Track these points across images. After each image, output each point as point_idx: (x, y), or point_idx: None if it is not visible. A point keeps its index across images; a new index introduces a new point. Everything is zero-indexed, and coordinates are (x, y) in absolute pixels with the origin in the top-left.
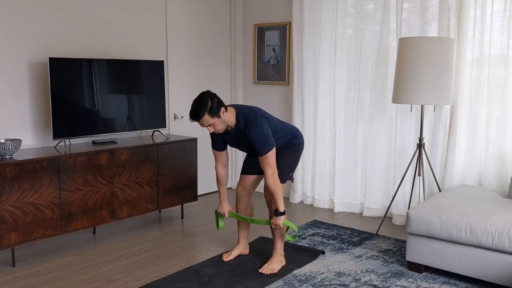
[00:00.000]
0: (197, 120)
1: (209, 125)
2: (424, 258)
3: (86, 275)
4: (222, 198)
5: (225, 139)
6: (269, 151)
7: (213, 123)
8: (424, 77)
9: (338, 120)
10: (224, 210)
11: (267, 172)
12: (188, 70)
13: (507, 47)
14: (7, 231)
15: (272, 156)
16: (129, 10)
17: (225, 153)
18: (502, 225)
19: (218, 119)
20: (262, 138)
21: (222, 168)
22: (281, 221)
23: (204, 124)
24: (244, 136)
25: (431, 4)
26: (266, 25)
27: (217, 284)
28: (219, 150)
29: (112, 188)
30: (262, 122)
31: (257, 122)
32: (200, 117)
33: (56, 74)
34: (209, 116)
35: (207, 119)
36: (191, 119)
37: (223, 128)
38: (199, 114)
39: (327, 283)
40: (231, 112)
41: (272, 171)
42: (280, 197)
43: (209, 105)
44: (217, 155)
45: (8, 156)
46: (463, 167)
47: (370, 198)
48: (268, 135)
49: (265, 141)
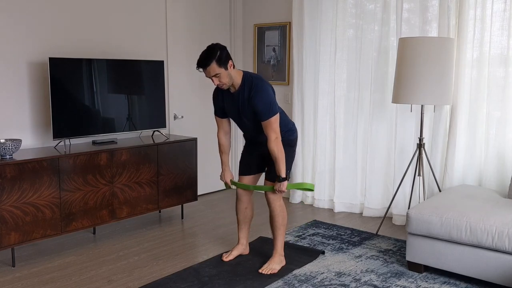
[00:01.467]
0: (204, 67)
1: (215, 76)
2: (424, 258)
3: (86, 275)
4: (224, 166)
5: (226, 108)
6: (273, 116)
7: (220, 74)
8: (424, 77)
9: (338, 120)
10: (226, 178)
11: (271, 137)
12: (188, 70)
13: (507, 47)
14: (7, 231)
15: (276, 121)
16: (129, 10)
17: (227, 121)
18: (502, 225)
19: (225, 71)
20: (267, 103)
21: (224, 136)
22: (284, 187)
23: (211, 73)
24: (246, 102)
25: (431, 4)
26: (266, 25)
27: (217, 284)
28: (221, 117)
29: (112, 188)
30: (268, 89)
31: (263, 88)
32: (208, 65)
33: (56, 74)
34: (217, 65)
35: (214, 68)
36: (198, 68)
37: (228, 82)
38: (207, 61)
39: (327, 283)
40: (238, 72)
41: (276, 136)
42: (282, 163)
43: (218, 54)
44: (219, 122)
45: (8, 156)
46: (463, 167)
47: (370, 198)
48: (273, 102)
49: (269, 106)
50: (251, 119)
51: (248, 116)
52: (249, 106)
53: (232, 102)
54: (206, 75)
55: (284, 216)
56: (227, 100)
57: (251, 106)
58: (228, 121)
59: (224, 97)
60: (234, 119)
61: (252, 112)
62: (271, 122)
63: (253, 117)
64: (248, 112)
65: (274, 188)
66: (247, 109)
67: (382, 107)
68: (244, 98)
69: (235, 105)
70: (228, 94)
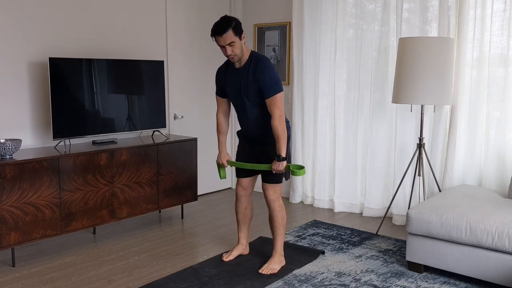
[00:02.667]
0: (221, 34)
1: (230, 44)
2: (424, 258)
3: (86, 275)
4: (221, 147)
5: (228, 88)
6: (278, 93)
7: (234, 43)
8: (424, 77)
9: (338, 120)
10: (223, 159)
11: (275, 114)
12: (188, 70)
13: (507, 47)
14: (7, 231)
15: (281, 99)
16: (129, 10)
17: (227, 101)
18: (502, 225)
19: (239, 41)
20: (272, 79)
21: (222, 116)
22: (283, 167)
23: (226, 41)
24: (252, 78)
25: (431, 4)
26: (266, 25)
27: (217, 284)
28: (222, 96)
29: (112, 188)
30: (274, 68)
31: (270, 66)
32: (225, 31)
33: (56, 74)
34: (233, 33)
35: (231, 35)
36: (214, 35)
37: (239, 54)
38: (225, 28)
39: (327, 283)
40: (247, 48)
41: (280, 113)
42: (284, 141)
43: (234, 23)
44: (219, 102)
45: (8, 156)
46: (463, 167)
47: (370, 198)
48: (278, 80)
49: (275, 83)
50: (253, 99)
51: (250, 95)
52: (254, 82)
53: (235, 78)
54: (220, 43)
55: (283, 216)
56: (230, 77)
57: (256, 82)
58: (228, 101)
59: (227, 76)
60: (234, 100)
61: (256, 90)
62: (276, 99)
63: (255, 97)
64: (251, 89)
65: (271, 167)
66: (251, 87)
67: (382, 107)
68: (249, 73)
69: (237, 82)
70: (232, 71)
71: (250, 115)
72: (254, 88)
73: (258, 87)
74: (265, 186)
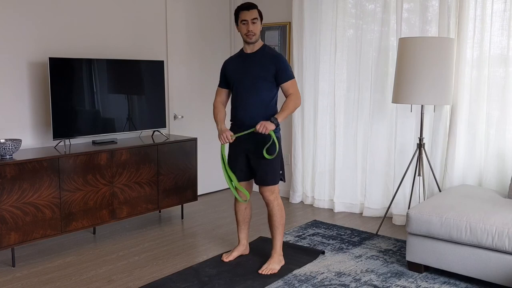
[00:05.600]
0: (249, 9)
1: (253, 20)
2: (424, 258)
3: (86, 275)
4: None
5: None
6: (294, 78)
7: (257, 21)
8: (424, 77)
9: (338, 120)
10: (227, 133)
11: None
12: (188, 70)
13: (507, 47)
14: (7, 231)
15: (296, 84)
16: (129, 10)
17: (227, 91)
18: (502, 225)
19: (259, 23)
20: (288, 66)
21: (220, 103)
22: (269, 127)
23: (252, 16)
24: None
25: (431, 4)
26: (266, 25)
27: (217, 284)
28: (223, 87)
29: (112, 188)
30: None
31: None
32: (254, 8)
33: (56, 74)
34: (258, 12)
35: (256, 13)
36: (240, 10)
37: (257, 35)
38: (252, 5)
39: (327, 283)
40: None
41: (297, 95)
42: (287, 113)
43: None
44: (219, 92)
45: (8, 156)
46: (463, 167)
47: (370, 198)
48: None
49: (291, 70)
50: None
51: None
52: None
53: (244, 62)
54: (245, 17)
55: (282, 215)
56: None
57: (274, 65)
58: (228, 93)
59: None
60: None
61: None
62: (294, 82)
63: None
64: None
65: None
66: (267, 68)
67: (382, 107)
68: (266, 57)
69: (245, 65)
70: (244, 58)
71: (253, 100)
72: (272, 70)
73: (276, 70)
74: (261, 189)
